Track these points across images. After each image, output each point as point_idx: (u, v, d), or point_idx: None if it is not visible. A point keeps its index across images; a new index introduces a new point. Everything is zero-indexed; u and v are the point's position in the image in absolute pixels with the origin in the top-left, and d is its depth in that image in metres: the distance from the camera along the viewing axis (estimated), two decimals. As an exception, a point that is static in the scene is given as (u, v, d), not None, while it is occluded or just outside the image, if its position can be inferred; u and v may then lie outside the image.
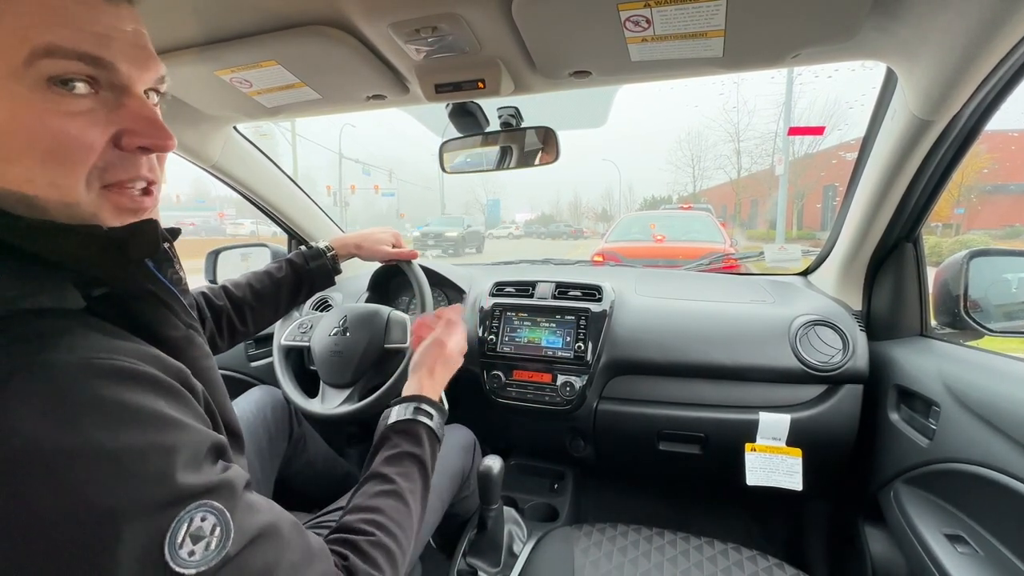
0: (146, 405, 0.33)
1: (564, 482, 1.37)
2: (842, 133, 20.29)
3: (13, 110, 0.33)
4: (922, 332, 1.01)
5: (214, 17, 0.70)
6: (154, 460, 0.32)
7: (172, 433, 0.33)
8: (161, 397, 0.34)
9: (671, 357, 1.08)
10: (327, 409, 1.02)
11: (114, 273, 0.39)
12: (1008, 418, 0.69)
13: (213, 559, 0.32)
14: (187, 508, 0.32)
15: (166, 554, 0.31)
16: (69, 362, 0.31)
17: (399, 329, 1.06)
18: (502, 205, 60.51)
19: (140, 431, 0.32)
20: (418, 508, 0.57)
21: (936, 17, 0.62)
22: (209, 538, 0.33)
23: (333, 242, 1.00)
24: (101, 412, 0.30)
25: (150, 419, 0.32)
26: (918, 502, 0.84)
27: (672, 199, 33.01)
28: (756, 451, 1.03)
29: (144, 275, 0.42)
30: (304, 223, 1.48)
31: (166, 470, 0.32)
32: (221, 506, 0.34)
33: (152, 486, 0.31)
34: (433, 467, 0.61)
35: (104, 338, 0.34)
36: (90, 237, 0.36)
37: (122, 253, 0.38)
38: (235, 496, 0.36)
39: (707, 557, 0.80)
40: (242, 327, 0.87)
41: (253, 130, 7.35)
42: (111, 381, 0.32)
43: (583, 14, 0.64)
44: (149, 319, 0.42)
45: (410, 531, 0.53)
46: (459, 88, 0.84)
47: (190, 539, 0.32)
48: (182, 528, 0.31)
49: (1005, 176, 15.02)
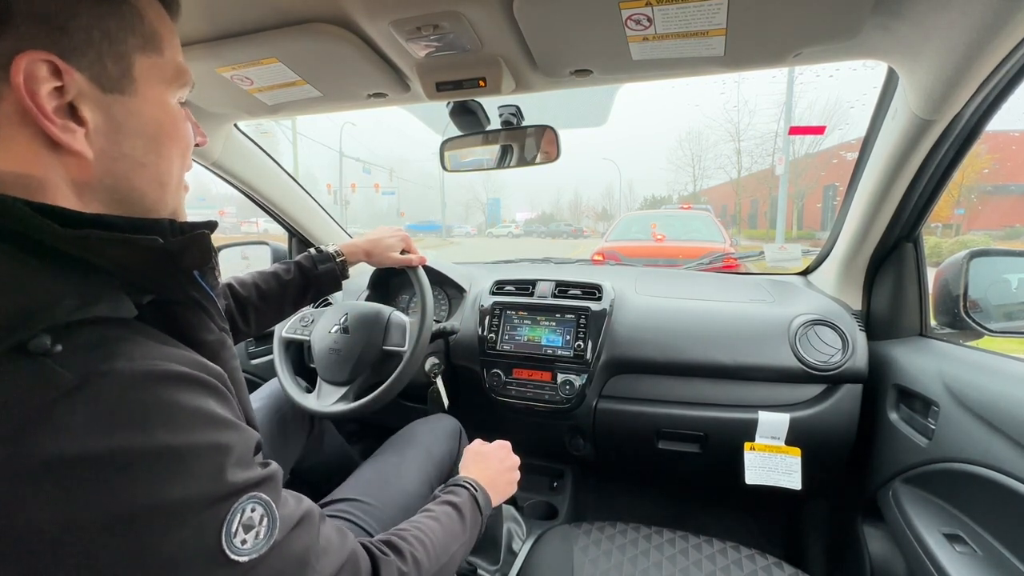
0: (202, 407, 0.35)
1: (563, 480, 1.37)
2: (843, 133, 20.28)
3: (173, 117, 0.44)
4: (922, 332, 1.01)
5: (215, 14, 0.70)
6: (213, 457, 0.35)
7: (226, 433, 0.36)
8: (212, 399, 0.37)
9: (671, 356, 1.09)
10: (322, 406, 1.02)
11: (164, 282, 0.41)
12: (1007, 418, 0.69)
13: (263, 546, 0.36)
14: (240, 500, 0.35)
15: (223, 543, 0.33)
16: (134, 370, 0.33)
17: (398, 332, 1.06)
18: (503, 204, 60.55)
19: (200, 431, 0.34)
20: (452, 535, 0.62)
21: (938, 17, 0.62)
22: (259, 527, 0.36)
23: (343, 247, 0.98)
24: (165, 415, 0.33)
25: (207, 420, 0.35)
26: (917, 501, 0.85)
27: (672, 198, 33.02)
28: (755, 450, 1.03)
29: (189, 282, 0.44)
30: (305, 221, 1.48)
31: (223, 466, 0.35)
32: (267, 498, 0.37)
33: (211, 481, 0.34)
34: (473, 529, 0.67)
35: (157, 345, 0.36)
36: (147, 250, 0.38)
37: (174, 264, 0.41)
38: (277, 488, 0.40)
39: (706, 556, 0.80)
40: (244, 327, 0.87)
41: (254, 128, 7.36)
42: (170, 386, 0.34)
43: (584, 12, 0.64)
44: (189, 324, 0.44)
45: (439, 548, 0.58)
46: (460, 86, 0.84)
47: (243, 529, 0.35)
48: (236, 519, 0.35)
49: (1006, 177, 15.00)
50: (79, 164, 0.38)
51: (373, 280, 1.41)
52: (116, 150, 0.40)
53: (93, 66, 0.37)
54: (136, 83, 0.40)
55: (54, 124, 0.36)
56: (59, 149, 0.37)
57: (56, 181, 0.37)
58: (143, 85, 0.41)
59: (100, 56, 0.38)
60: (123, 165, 0.40)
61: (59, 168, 0.37)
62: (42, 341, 0.30)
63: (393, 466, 0.88)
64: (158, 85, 0.42)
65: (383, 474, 0.86)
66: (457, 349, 1.26)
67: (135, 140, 0.41)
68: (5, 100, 0.35)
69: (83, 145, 0.37)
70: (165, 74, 0.43)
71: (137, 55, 0.40)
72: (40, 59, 0.34)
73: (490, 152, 1.10)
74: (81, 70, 0.37)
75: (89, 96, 0.37)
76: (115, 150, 0.40)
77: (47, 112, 0.35)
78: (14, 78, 0.34)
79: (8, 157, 0.35)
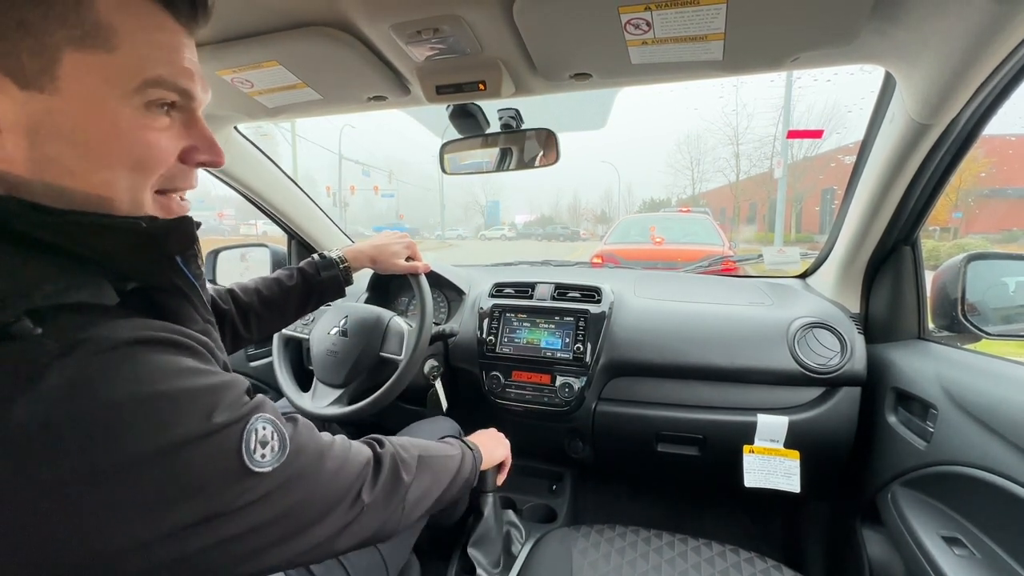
0: (187, 363, 0.38)
1: (562, 483, 1.37)
2: (840, 137, 20.38)
3: (116, 125, 0.38)
4: (920, 335, 1.01)
5: (216, 17, 0.70)
6: (209, 396, 0.37)
7: (215, 377, 0.39)
8: (198, 360, 0.40)
9: (670, 359, 1.09)
10: (316, 407, 1.02)
11: (146, 268, 0.42)
12: (1005, 421, 0.69)
13: (280, 455, 0.41)
14: (249, 421, 0.39)
15: (245, 459, 0.38)
16: (118, 336, 0.34)
17: (396, 339, 1.05)
18: (502, 207, 60.61)
19: (189, 379, 0.37)
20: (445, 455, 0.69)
21: (935, 22, 0.63)
22: (272, 441, 0.41)
23: (347, 252, 0.95)
24: (152, 369, 0.35)
25: (194, 371, 0.38)
26: (915, 504, 0.85)
27: (671, 202, 33.03)
28: (754, 453, 1.03)
29: (172, 269, 0.44)
30: (304, 223, 1.48)
31: (222, 401, 0.38)
32: (270, 416, 0.42)
33: (214, 415, 0.37)
34: (462, 477, 0.71)
35: (139, 319, 0.38)
36: (130, 233, 0.39)
37: (158, 248, 0.42)
38: (274, 409, 0.44)
39: (705, 559, 0.80)
40: (246, 333, 0.85)
41: (253, 130, 7.31)
42: (155, 348, 0.36)
43: (584, 16, 0.64)
44: (173, 312, 0.44)
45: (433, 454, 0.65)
46: (460, 90, 0.84)
47: (260, 444, 0.39)
48: (251, 438, 0.39)
49: (1003, 180, 15.02)
50: (6, 160, 0.36)
51: (372, 282, 1.41)
52: (39, 152, 0.37)
53: (6, 58, 0.34)
54: (60, 80, 0.36)
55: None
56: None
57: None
58: (72, 83, 0.36)
59: (15, 48, 0.34)
60: (52, 170, 0.37)
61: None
62: (24, 324, 0.32)
63: None
64: (97, 86, 0.37)
65: None
66: (456, 351, 1.26)
67: (58, 144, 0.37)
68: None
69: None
70: (112, 74, 0.37)
71: (67, 49, 0.35)
72: None
73: (490, 155, 1.10)
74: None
75: (2, 90, 0.35)
76: (37, 152, 0.37)
77: None
78: None
79: None
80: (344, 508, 0.48)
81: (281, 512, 0.41)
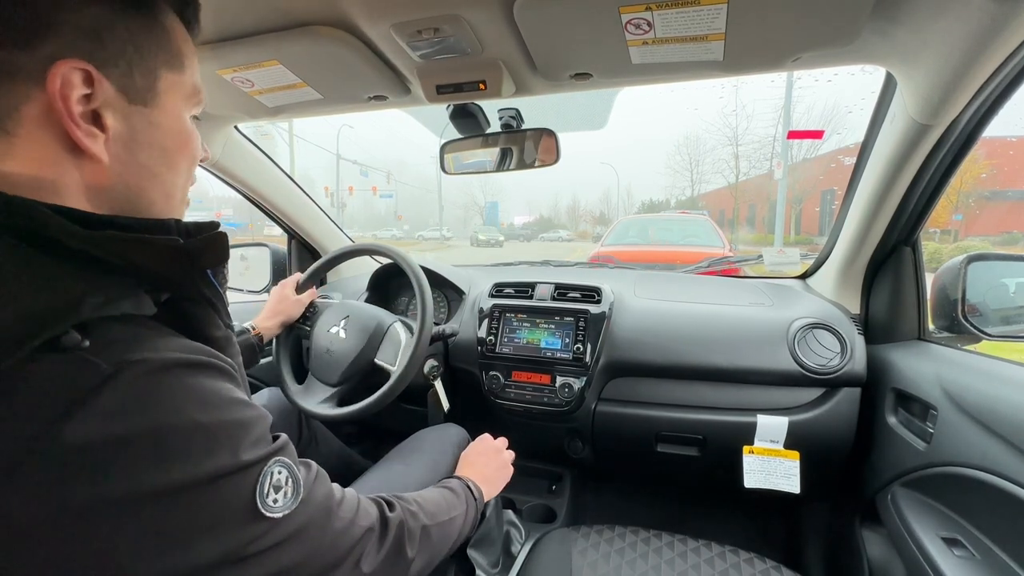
0: (223, 389, 0.39)
1: (562, 483, 1.37)
2: (841, 137, 20.39)
3: (186, 131, 0.46)
4: (920, 336, 1.01)
5: (216, 16, 0.70)
6: (238, 432, 0.38)
7: (246, 410, 0.40)
8: (230, 383, 0.41)
9: (670, 359, 1.09)
10: (306, 403, 1.02)
11: (180, 280, 0.43)
12: (1005, 422, 0.69)
13: (292, 502, 0.41)
14: (267, 465, 0.39)
15: (258, 503, 0.38)
16: (163, 359, 0.35)
17: (392, 348, 1.03)
18: (500, 208, 60.61)
19: (224, 410, 0.38)
20: (447, 502, 0.69)
21: (936, 22, 0.63)
22: (285, 487, 0.41)
23: (255, 323, 1.05)
24: (193, 397, 0.36)
25: (229, 401, 0.39)
26: (915, 505, 0.85)
27: (670, 203, 33.06)
28: (754, 453, 1.03)
29: (203, 281, 0.46)
30: (304, 223, 1.48)
31: (248, 438, 0.39)
32: (288, 460, 0.42)
33: (241, 451, 0.37)
34: (470, 506, 0.73)
35: (177, 339, 0.39)
36: (168, 249, 0.41)
37: (191, 263, 0.43)
38: (293, 453, 0.45)
39: (704, 559, 0.80)
40: None
41: (253, 130, 7.36)
42: (195, 372, 0.37)
43: (584, 16, 0.64)
44: (200, 321, 0.45)
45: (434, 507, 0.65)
46: (460, 89, 0.84)
47: (273, 489, 0.39)
48: (267, 481, 0.39)
49: (1003, 182, 15.04)
50: (95, 169, 0.39)
51: (372, 282, 1.41)
52: (131, 158, 0.42)
53: (123, 77, 0.40)
54: (159, 96, 0.43)
55: (79, 128, 0.37)
56: (78, 153, 0.38)
57: (69, 184, 0.39)
58: (165, 99, 0.43)
59: (130, 68, 0.40)
60: (136, 173, 0.42)
61: (75, 172, 0.39)
62: (73, 336, 0.32)
63: (398, 475, 0.88)
64: (178, 100, 0.45)
65: (388, 482, 0.86)
66: (456, 351, 1.26)
67: (151, 150, 0.43)
68: (33, 102, 0.36)
69: (102, 150, 0.39)
70: (184, 91, 0.45)
71: (163, 71, 0.43)
72: (77, 67, 0.36)
73: (489, 155, 1.10)
74: (111, 80, 0.39)
75: (114, 105, 0.39)
76: (131, 158, 0.41)
77: (75, 116, 0.37)
78: (50, 82, 0.35)
79: (26, 159, 0.37)
80: (343, 574, 0.47)
81: (281, 569, 0.40)
